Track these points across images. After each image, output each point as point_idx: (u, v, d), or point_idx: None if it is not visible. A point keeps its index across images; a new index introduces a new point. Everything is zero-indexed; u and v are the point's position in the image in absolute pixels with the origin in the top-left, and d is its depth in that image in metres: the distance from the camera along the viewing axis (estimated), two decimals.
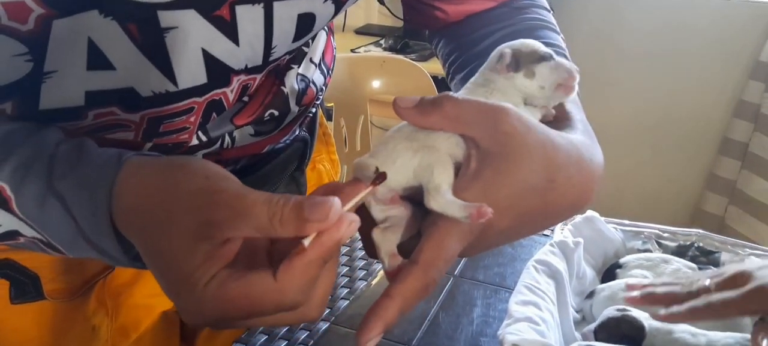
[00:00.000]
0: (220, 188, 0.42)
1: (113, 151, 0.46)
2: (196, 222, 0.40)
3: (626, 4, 2.57)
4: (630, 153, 2.76)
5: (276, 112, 0.65)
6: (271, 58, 0.55)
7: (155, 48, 0.48)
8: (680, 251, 0.78)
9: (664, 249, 0.78)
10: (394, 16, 2.64)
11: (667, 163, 2.70)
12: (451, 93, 0.44)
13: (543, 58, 0.47)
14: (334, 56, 0.77)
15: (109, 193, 0.43)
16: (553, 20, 0.67)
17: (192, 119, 0.56)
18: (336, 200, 0.39)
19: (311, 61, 0.68)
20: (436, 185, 0.42)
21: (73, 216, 0.44)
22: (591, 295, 0.69)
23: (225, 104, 0.56)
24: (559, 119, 0.49)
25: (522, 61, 0.47)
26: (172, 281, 0.41)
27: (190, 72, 0.51)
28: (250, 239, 0.42)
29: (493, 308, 0.71)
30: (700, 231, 0.79)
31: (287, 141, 0.72)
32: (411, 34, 2.51)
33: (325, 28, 0.69)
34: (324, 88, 0.75)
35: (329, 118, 1.70)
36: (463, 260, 0.79)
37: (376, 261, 0.81)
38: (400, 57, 2.13)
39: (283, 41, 0.54)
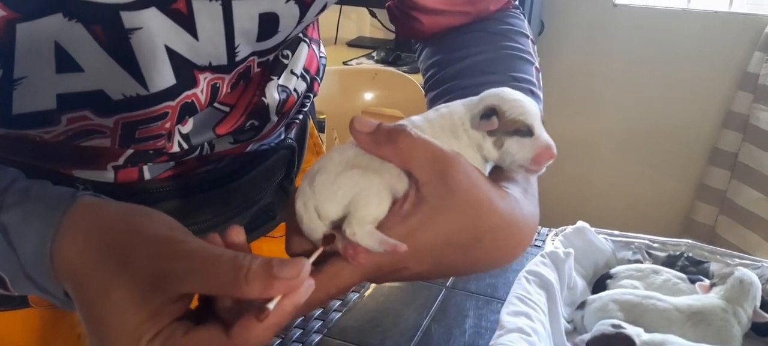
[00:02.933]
0: (184, 240, 0.41)
1: (68, 190, 0.46)
2: (154, 270, 0.39)
3: (616, 15, 2.59)
4: (620, 164, 2.78)
5: (256, 122, 0.65)
6: (237, 59, 0.55)
7: (121, 50, 0.48)
8: (670, 261, 0.78)
9: (654, 259, 0.79)
10: (386, 28, 2.66)
11: (658, 173, 2.72)
12: (408, 127, 0.44)
13: (518, 132, 0.45)
14: (321, 65, 0.77)
15: (56, 228, 0.43)
16: (531, 49, 0.68)
17: (167, 125, 0.56)
18: (306, 261, 0.38)
19: (292, 72, 0.68)
20: (360, 218, 0.42)
21: (14, 249, 0.43)
22: (582, 305, 0.70)
23: (197, 106, 0.56)
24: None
25: (499, 127, 0.45)
26: (109, 332, 0.40)
27: (158, 73, 0.51)
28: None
29: (485, 319, 0.71)
30: (690, 241, 0.79)
31: (271, 143, 0.72)
32: (403, 46, 2.51)
33: (306, 39, 0.69)
34: (310, 95, 0.75)
35: (322, 130, 1.70)
36: None
37: None
38: (392, 69, 2.14)
39: (246, 40, 0.54)
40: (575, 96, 2.75)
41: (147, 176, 0.62)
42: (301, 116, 0.76)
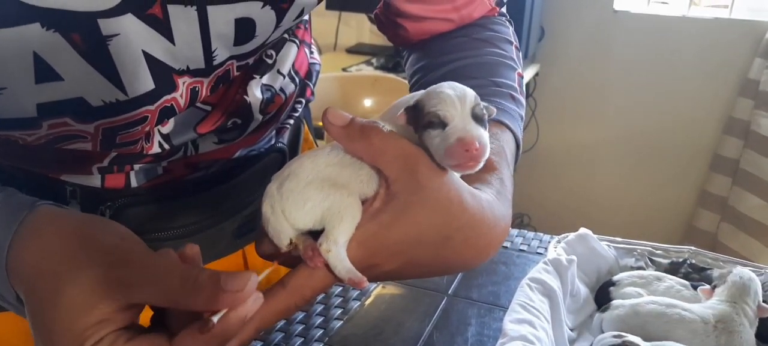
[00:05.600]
0: (135, 249, 0.42)
1: (30, 199, 0.47)
2: (105, 278, 0.40)
3: (616, 22, 2.59)
4: (622, 171, 2.78)
5: (239, 121, 0.65)
6: (215, 62, 0.55)
7: (100, 57, 0.48)
8: (673, 268, 0.78)
9: (657, 266, 0.78)
10: None
11: (659, 180, 2.72)
12: (381, 123, 0.44)
13: (431, 124, 0.42)
14: (314, 70, 0.77)
15: (14, 235, 0.44)
16: (515, 56, 0.68)
17: (147, 129, 0.56)
18: (253, 275, 0.39)
19: (279, 72, 0.68)
20: (335, 237, 0.42)
21: None
22: (606, 309, 0.69)
23: (176, 109, 0.57)
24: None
25: (417, 121, 0.43)
26: (55, 335, 0.41)
27: (137, 78, 0.51)
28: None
29: (488, 327, 0.71)
30: (693, 248, 0.79)
31: (261, 148, 0.72)
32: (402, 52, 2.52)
33: (295, 39, 0.69)
34: (302, 99, 0.75)
35: (320, 137, 1.70)
36: (457, 279, 0.79)
37: None
38: (392, 76, 2.14)
39: (224, 45, 0.54)
40: (576, 103, 2.76)
41: (133, 183, 0.62)
42: (292, 121, 0.76)
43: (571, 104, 2.76)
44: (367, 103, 1.80)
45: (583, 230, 0.78)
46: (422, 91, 0.45)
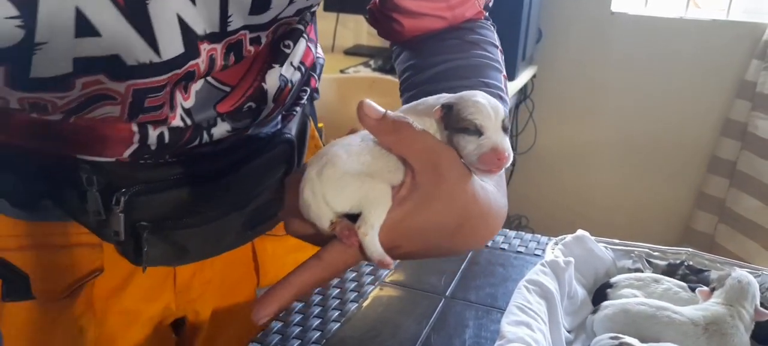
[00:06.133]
0: None
1: None
2: None
3: (613, 24, 2.60)
4: (620, 173, 2.78)
5: (254, 105, 0.68)
6: (228, 28, 0.58)
7: (139, 16, 0.51)
8: (670, 270, 0.78)
9: (655, 268, 0.78)
10: None
11: (657, 182, 2.72)
12: (410, 119, 0.47)
13: (466, 130, 0.47)
14: (318, 63, 0.80)
15: None
16: (500, 59, 0.71)
17: (169, 89, 0.59)
18: None
19: (291, 64, 0.71)
20: (371, 223, 0.46)
21: None
22: (596, 311, 0.69)
23: (197, 75, 0.60)
24: None
25: (451, 122, 0.48)
26: None
27: (170, 41, 0.54)
28: None
29: (485, 329, 0.71)
30: (690, 249, 0.79)
31: (269, 132, 0.73)
32: None
33: (304, 35, 0.72)
34: (307, 88, 0.77)
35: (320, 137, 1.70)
36: (455, 281, 0.79)
37: (367, 283, 0.80)
38: (390, 77, 2.14)
39: (239, 11, 0.57)
40: (573, 104, 2.76)
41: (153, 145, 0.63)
42: (298, 109, 0.78)
43: (569, 106, 2.77)
44: None
45: (580, 232, 0.78)
46: (452, 95, 0.49)
